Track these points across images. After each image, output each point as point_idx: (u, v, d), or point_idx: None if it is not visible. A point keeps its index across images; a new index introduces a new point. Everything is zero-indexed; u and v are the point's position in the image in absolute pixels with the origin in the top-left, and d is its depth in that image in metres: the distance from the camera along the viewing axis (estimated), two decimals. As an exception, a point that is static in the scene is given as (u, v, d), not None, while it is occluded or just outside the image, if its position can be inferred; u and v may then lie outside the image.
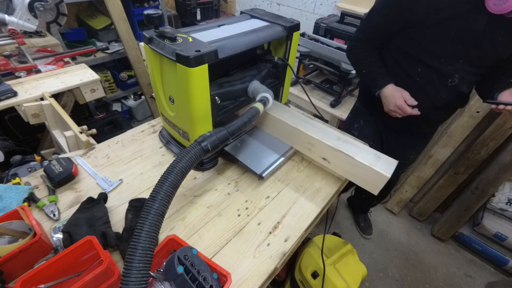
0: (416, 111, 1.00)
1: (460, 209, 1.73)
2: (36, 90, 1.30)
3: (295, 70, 1.51)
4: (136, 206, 0.72)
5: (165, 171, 0.58)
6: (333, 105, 1.79)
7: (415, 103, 1.00)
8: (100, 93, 1.51)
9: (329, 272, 1.13)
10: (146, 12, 0.68)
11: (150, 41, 0.72)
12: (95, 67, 2.02)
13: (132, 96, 2.64)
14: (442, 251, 1.83)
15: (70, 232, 0.64)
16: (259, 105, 0.82)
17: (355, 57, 1.17)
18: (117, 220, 0.74)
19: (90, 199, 0.73)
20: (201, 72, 0.68)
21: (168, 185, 0.56)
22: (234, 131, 0.74)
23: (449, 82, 0.98)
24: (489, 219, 1.70)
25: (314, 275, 1.16)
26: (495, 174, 1.54)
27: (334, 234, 1.37)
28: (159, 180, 0.57)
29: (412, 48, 0.99)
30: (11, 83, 1.30)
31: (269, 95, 0.86)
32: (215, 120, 0.84)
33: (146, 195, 0.82)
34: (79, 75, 1.46)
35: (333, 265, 1.17)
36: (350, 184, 1.14)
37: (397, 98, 1.01)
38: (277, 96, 1.10)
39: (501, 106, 0.87)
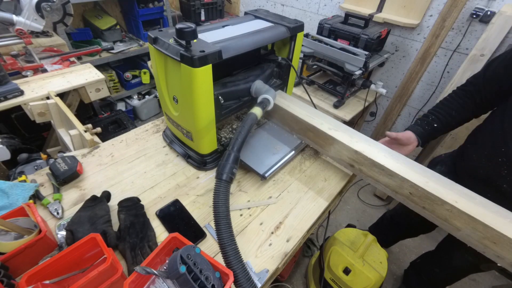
0: None
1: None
2: (42, 89, 1.32)
3: (298, 70, 1.51)
4: (127, 206, 0.73)
5: (214, 213, 0.63)
6: (336, 106, 1.79)
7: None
8: (104, 93, 1.52)
9: (359, 265, 1.16)
10: (178, 26, 0.62)
11: (154, 41, 0.73)
12: (100, 67, 2.05)
13: (136, 96, 2.66)
14: (445, 254, 1.81)
15: (72, 230, 0.65)
16: (256, 110, 0.81)
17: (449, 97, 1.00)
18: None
19: (93, 197, 0.74)
20: (205, 72, 0.68)
21: (224, 216, 0.62)
22: (240, 147, 0.75)
23: None
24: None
25: (346, 271, 1.18)
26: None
27: (349, 226, 1.36)
28: (217, 216, 0.62)
29: None
30: (18, 82, 1.31)
31: (269, 96, 0.86)
32: (218, 120, 0.84)
33: (149, 193, 0.83)
34: (85, 75, 1.47)
35: (361, 257, 1.20)
36: None
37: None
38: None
39: None
